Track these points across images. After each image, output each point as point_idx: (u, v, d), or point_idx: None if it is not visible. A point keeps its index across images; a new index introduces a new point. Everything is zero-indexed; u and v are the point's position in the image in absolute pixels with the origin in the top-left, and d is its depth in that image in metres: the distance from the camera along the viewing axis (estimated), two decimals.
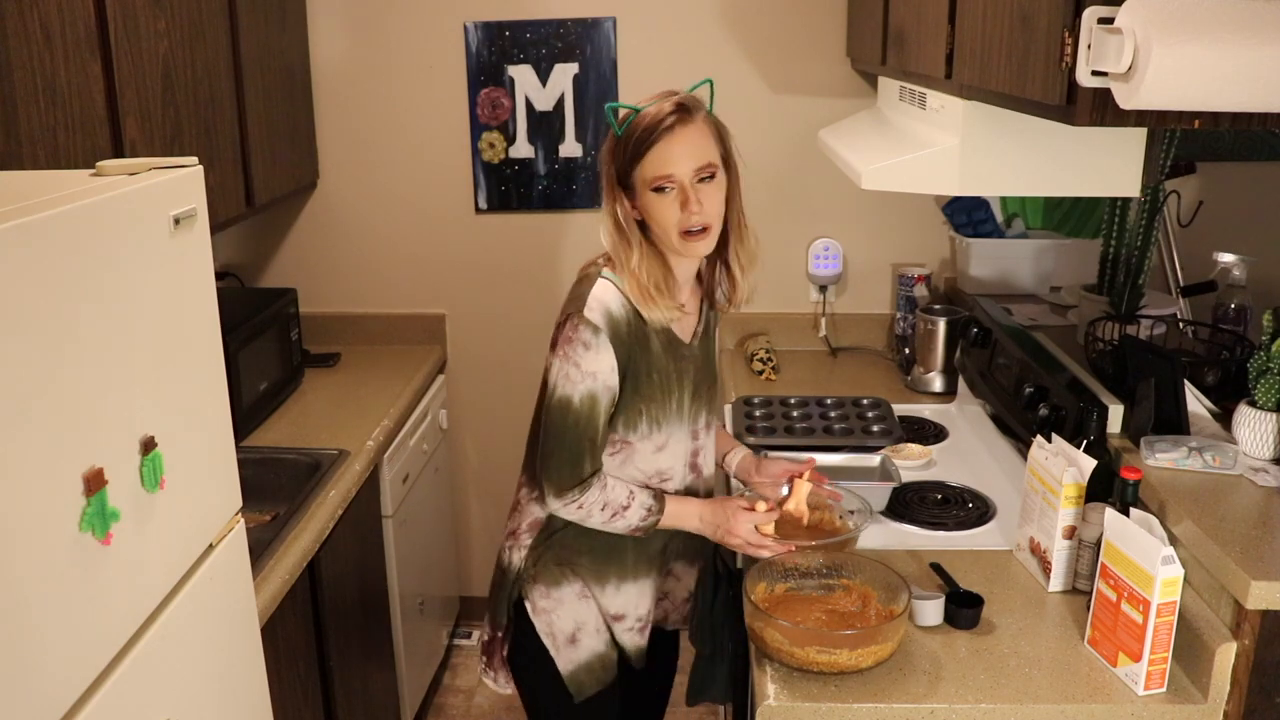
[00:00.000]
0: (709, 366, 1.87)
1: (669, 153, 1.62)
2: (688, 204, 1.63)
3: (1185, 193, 2.38)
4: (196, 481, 1.46)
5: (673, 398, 1.77)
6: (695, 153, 1.63)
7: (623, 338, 1.70)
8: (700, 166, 1.63)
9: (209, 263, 1.50)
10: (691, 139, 1.63)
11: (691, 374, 1.81)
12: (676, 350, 1.77)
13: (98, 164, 1.37)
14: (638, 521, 1.74)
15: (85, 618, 1.17)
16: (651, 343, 1.73)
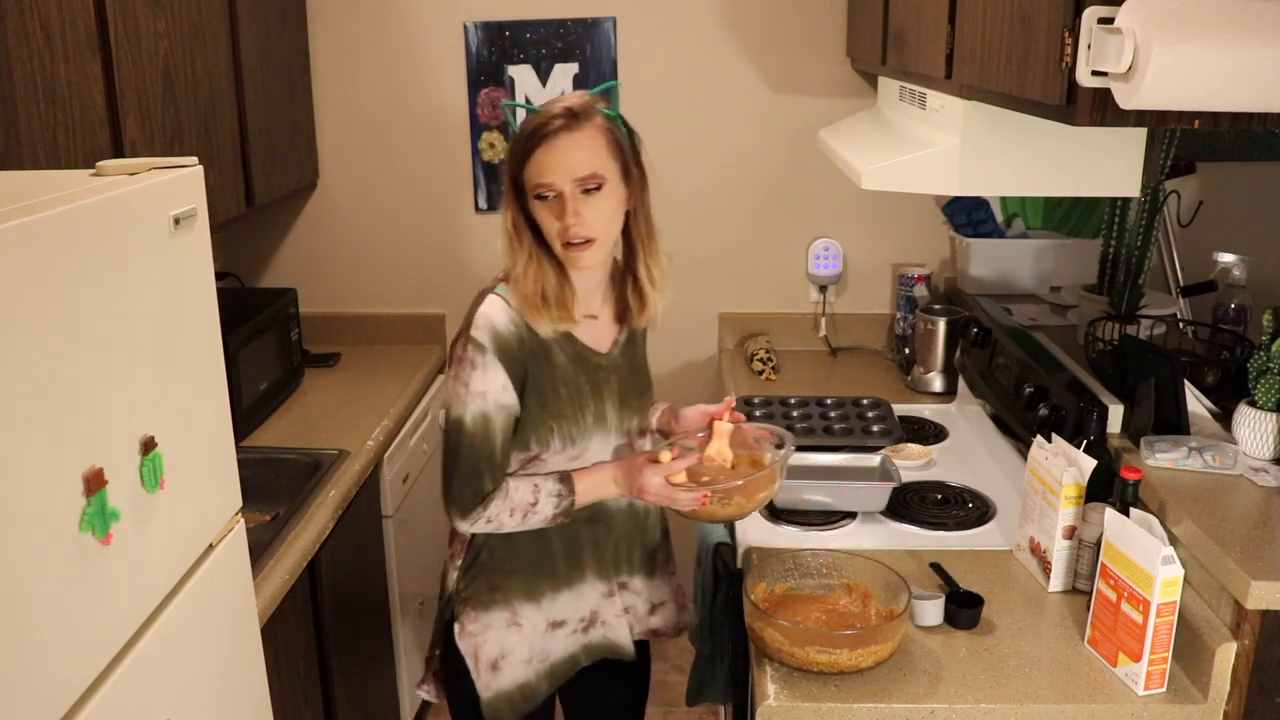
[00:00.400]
0: (638, 374, 1.81)
1: (549, 160, 1.56)
2: (565, 213, 1.57)
3: (1185, 193, 2.38)
4: (197, 481, 1.46)
5: (587, 410, 1.70)
6: (578, 162, 1.56)
7: (513, 354, 1.64)
8: (582, 176, 1.56)
9: (209, 263, 1.51)
10: (575, 147, 1.56)
11: (615, 384, 1.74)
12: (588, 361, 1.71)
13: (98, 164, 1.38)
14: (552, 510, 1.67)
15: (85, 618, 1.17)
16: (554, 356, 1.67)
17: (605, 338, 1.75)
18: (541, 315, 1.63)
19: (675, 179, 2.96)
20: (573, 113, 1.57)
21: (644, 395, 1.82)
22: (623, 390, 1.75)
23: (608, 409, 1.73)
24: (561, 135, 1.56)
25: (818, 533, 1.95)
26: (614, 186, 1.60)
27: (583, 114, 1.58)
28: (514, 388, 1.65)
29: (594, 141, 1.58)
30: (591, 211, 1.58)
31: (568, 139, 1.56)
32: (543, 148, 1.56)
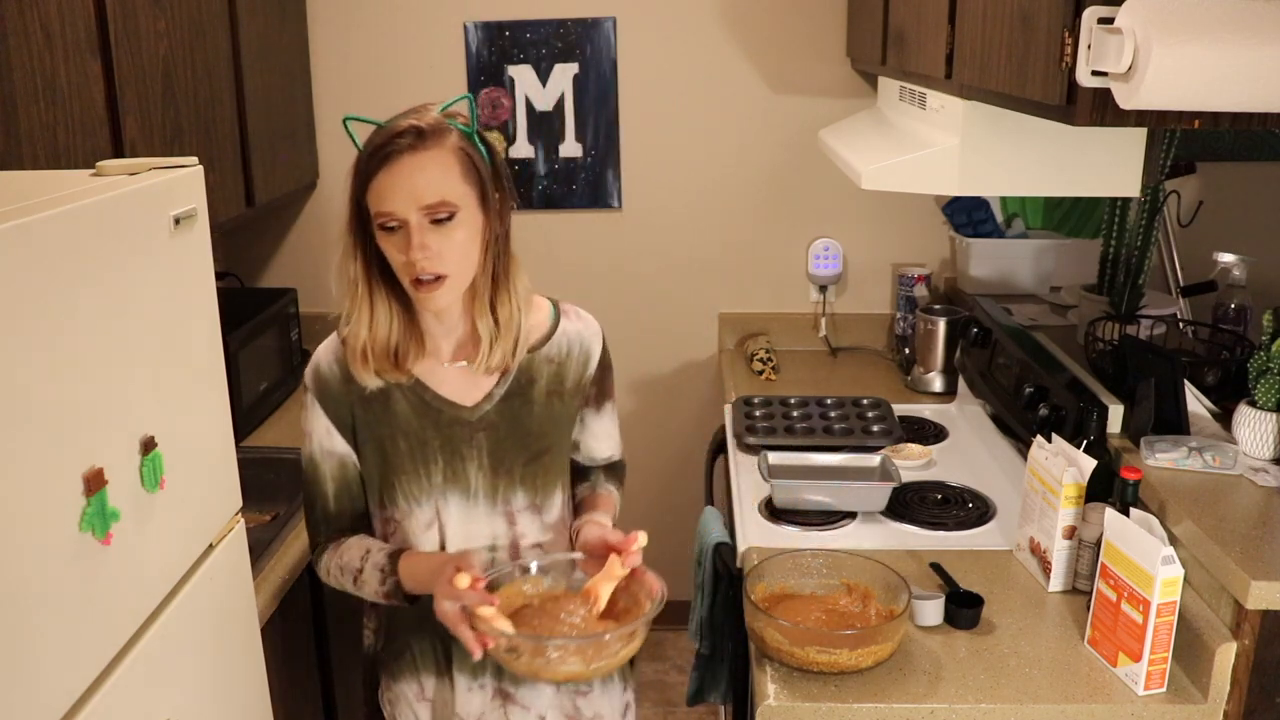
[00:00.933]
0: (524, 436, 1.51)
1: (392, 185, 1.35)
2: (411, 246, 1.35)
3: (1185, 193, 2.38)
4: (197, 481, 1.46)
5: (433, 469, 1.48)
6: (424, 188, 1.35)
7: (335, 396, 1.48)
8: (430, 204, 1.35)
9: (209, 262, 1.51)
10: (421, 171, 1.35)
11: (484, 443, 1.49)
12: (441, 414, 1.48)
13: (98, 164, 1.38)
14: (377, 585, 1.46)
15: (85, 618, 1.17)
16: (394, 403, 1.48)
17: (472, 388, 1.50)
18: (363, 367, 1.45)
19: (675, 179, 2.96)
20: (420, 131, 1.36)
21: (536, 463, 1.52)
22: (497, 452, 1.50)
23: (470, 471, 1.49)
24: (406, 157, 1.35)
25: (818, 533, 1.95)
26: (469, 215, 1.39)
27: (431, 132, 1.36)
28: (341, 433, 1.49)
29: (444, 164, 1.37)
30: (442, 244, 1.37)
31: (414, 161, 1.35)
32: (385, 170, 1.35)
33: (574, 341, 1.57)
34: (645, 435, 3.05)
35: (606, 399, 1.64)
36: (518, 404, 1.51)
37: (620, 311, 3.02)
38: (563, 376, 1.55)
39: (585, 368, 1.57)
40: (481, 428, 1.50)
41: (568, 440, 1.59)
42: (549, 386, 1.53)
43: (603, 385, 1.62)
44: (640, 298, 3.04)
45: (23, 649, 1.06)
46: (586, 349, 1.58)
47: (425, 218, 1.36)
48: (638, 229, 3.00)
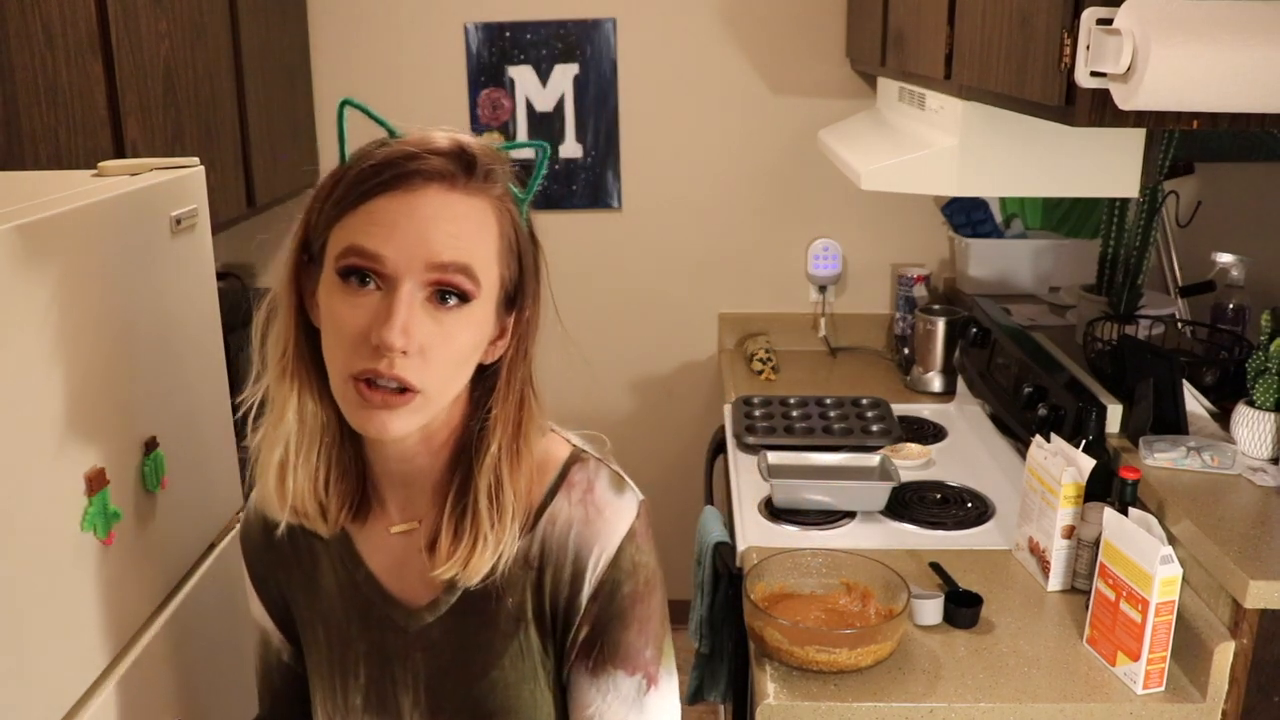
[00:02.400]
0: (471, 666, 0.99)
1: (393, 216, 0.88)
2: (390, 320, 0.85)
3: (1184, 193, 2.39)
4: (198, 481, 1.47)
5: (351, 687, 1.03)
6: (447, 237, 0.88)
7: (257, 549, 1.08)
8: (444, 263, 0.87)
9: (210, 263, 1.51)
10: (449, 213, 0.89)
11: (420, 669, 1.01)
12: (370, 608, 1.01)
13: (99, 164, 1.38)
14: None
15: (87, 617, 1.18)
16: (321, 572, 1.03)
17: (420, 580, 0.99)
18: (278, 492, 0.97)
19: (675, 179, 2.96)
20: (468, 158, 0.91)
21: (481, 709, 0.99)
22: (436, 688, 1.01)
23: (402, 703, 1.02)
24: (435, 188, 0.89)
25: (817, 532, 1.96)
26: (483, 312, 0.92)
27: (483, 169, 0.92)
28: (262, 599, 1.10)
29: (482, 220, 0.91)
30: (433, 337, 0.88)
31: (443, 199, 0.89)
32: (392, 194, 0.89)
33: (564, 536, 0.98)
34: (645, 435, 3.06)
35: (617, 666, 0.99)
36: (474, 625, 0.99)
37: (620, 311, 3.03)
38: (541, 594, 0.98)
39: (574, 587, 0.97)
40: (420, 646, 1.00)
41: (548, 705, 1.01)
42: (522, 608, 0.98)
43: (606, 635, 0.98)
44: (640, 298, 3.05)
45: (24, 648, 1.07)
46: (579, 556, 0.97)
47: (427, 287, 0.88)
48: (638, 229, 3.01)
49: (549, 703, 1.00)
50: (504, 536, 0.94)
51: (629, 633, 0.98)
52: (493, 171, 0.93)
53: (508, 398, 0.96)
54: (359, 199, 0.90)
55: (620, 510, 0.98)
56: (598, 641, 0.98)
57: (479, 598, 0.98)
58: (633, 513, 0.98)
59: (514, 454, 0.95)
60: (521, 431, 0.96)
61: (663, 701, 1.01)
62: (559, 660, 1.00)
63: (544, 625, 0.99)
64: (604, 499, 0.98)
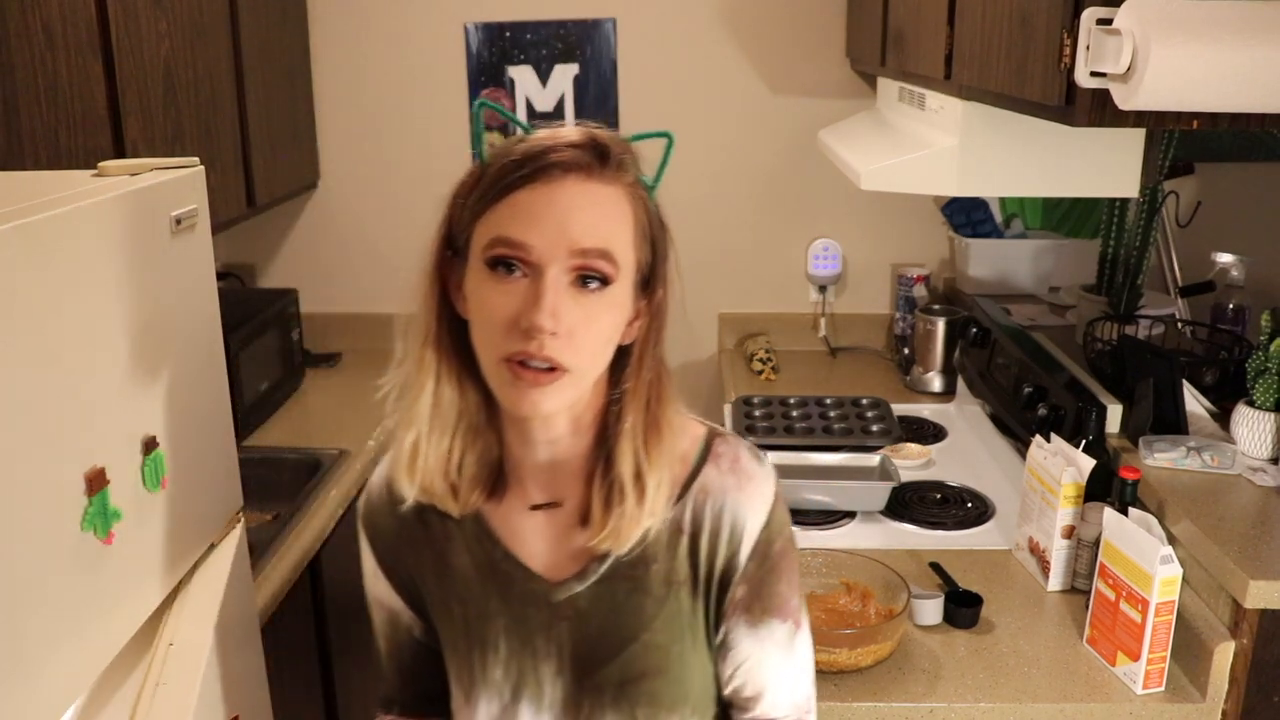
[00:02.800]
0: (634, 639, 1.04)
1: (536, 207, 0.93)
2: (538, 304, 0.91)
3: (1184, 193, 2.39)
4: (198, 481, 1.46)
5: (492, 661, 1.06)
6: (587, 224, 0.93)
7: (385, 531, 1.11)
8: (586, 249, 0.93)
9: (210, 263, 1.51)
10: (591, 204, 0.94)
11: (565, 640, 1.05)
12: (510, 583, 1.05)
13: (99, 164, 1.38)
14: None
15: (87, 617, 1.18)
16: (453, 550, 1.07)
17: (561, 553, 1.05)
18: (409, 477, 1.03)
19: (675, 180, 2.95)
20: (602, 149, 0.96)
21: (637, 687, 1.04)
22: (583, 657, 1.05)
23: (543, 675, 1.06)
24: (574, 179, 0.94)
25: (817, 532, 1.96)
26: (621, 295, 0.97)
27: (615, 159, 0.97)
28: (390, 580, 1.13)
29: (619, 209, 0.96)
30: (578, 320, 0.94)
31: (581, 189, 0.94)
32: (534, 187, 0.93)
33: (716, 505, 1.04)
34: None
35: (772, 615, 1.06)
36: (624, 591, 1.04)
37: None
38: (695, 559, 1.04)
39: (730, 550, 1.04)
40: (565, 616, 1.05)
41: (697, 664, 1.06)
42: (674, 572, 1.04)
43: (763, 589, 1.05)
44: None
45: (24, 648, 1.07)
46: (736, 522, 1.04)
47: (571, 272, 0.93)
48: None
49: (696, 661, 1.06)
50: (655, 506, 1.00)
51: (781, 584, 1.06)
52: (624, 161, 0.98)
53: (640, 374, 1.01)
54: (502, 193, 0.94)
55: (766, 476, 1.07)
56: (756, 596, 1.05)
57: (629, 565, 1.03)
58: (774, 478, 1.08)
59: (652, 428, 1.00)
60: (656, 407, 1.01)
61: (806, 641, 1.11)
62: (708, 619, 1.06)
63: (696, 588, 1.04)
64: (751, 468, 1.06)
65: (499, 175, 0.95)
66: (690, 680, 1.06)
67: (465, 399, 1.02)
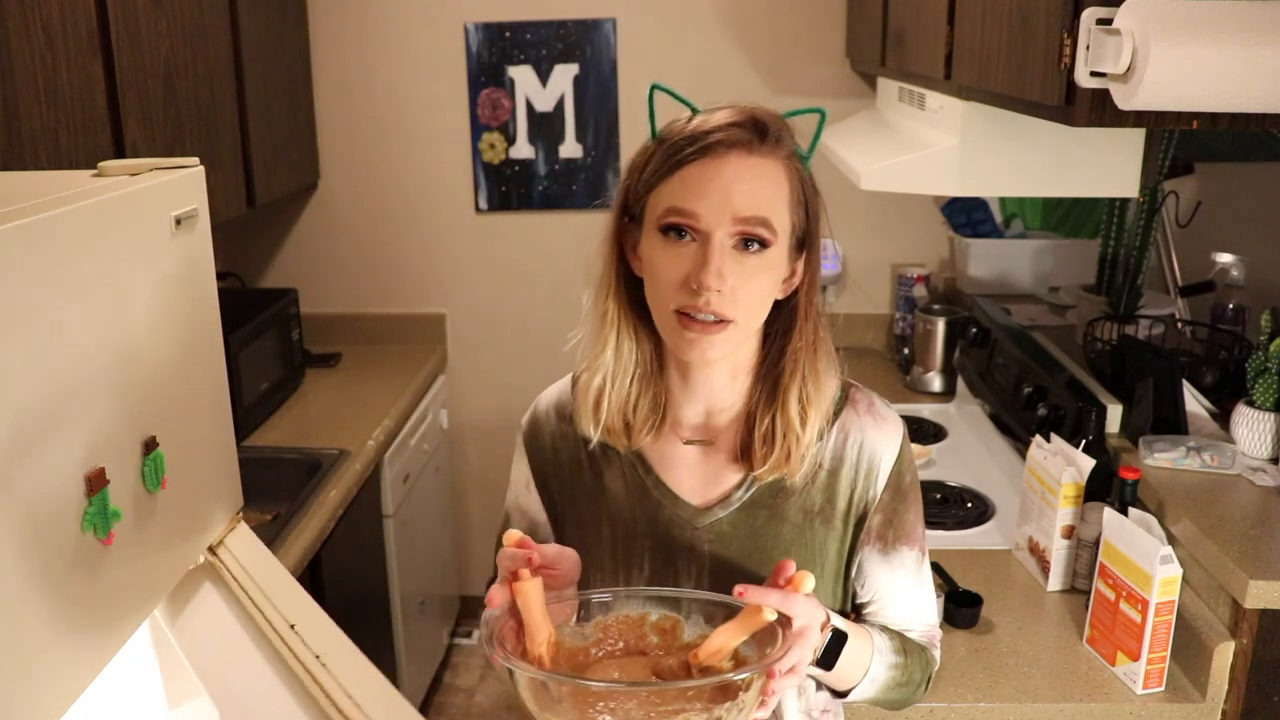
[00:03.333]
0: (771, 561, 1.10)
1: (706, 181, 1.05)
2: (705, 265, 1.04)
3: (1183, 193, 2.39)
4: (198, 481, 1.46)
5: (635, 578, 1.17)
6: (747, 197, 1.05)
7: (545, 449, 1.22)
8: (747, 217, 1.05)
9: (210, 263, 1.51)
10: (752, 176, 1.06)
11: (705, 560, 1.15)
12: (659, 509, 1.16)
13: (99, 164, 1.38)
14: None
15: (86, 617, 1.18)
16: (609, 477, 1.18)
17: (708, 482, 1.17)
18: (592, 417, 1.16)
19: None
20: (762, 127, 1.08)
21: None
22: (722, 575, 1.14)
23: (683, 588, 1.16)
24: (736, 154, 1.06)
25: None
26: (779, 256, 1.10)
27: (773, 135, 1.09)
28: (540, 493, 1.23)
29: (776, 180, 1.09)
30: (740, 278, 1.06)
31: (744, 162, 1.06)
32: (703, 162, 1.06)
33: (856, 444, 1.17)
34: None
35: (902, 543, 1.19)
36: (763, 518, 1.15)
37: None
38: (833, 492, 1.16)
39: (868, 484, 1.17)
40: (708, 539, 1.15)
41: (823, 590, 1.17)
42: (811, 503, 1.16)
43: (895, 518, 1.18)
44: None
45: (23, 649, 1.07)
46: (871, 461, 1.17)
47: (734, 236, 1.06)
48: None
49: (823, 588, 1.17)
50: (813, 442, 1.14)
51: (910, 514, 1.20)
52: (781, 136, 1.10)
53: (805, 327, 1.16)
54: (673, 168, 1.07)
55: (896, 420, 1.20)
56: (890, 525, 1.18)
57: (770, 496, 1.15)
58: (902, 422, 1.21)
59: (812, 376, 1.14)
60: (816, 359, 1.15)
61: (929, 567, 1.24)
62: (840, 549, 1.17)
63: (830, 519, 1.16)
64: (884, 412, 1.20)
65: (671, 151, 1.08)
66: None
67: (641, 349, 1.16)
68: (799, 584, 0.99)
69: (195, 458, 1.45)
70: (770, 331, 1.16)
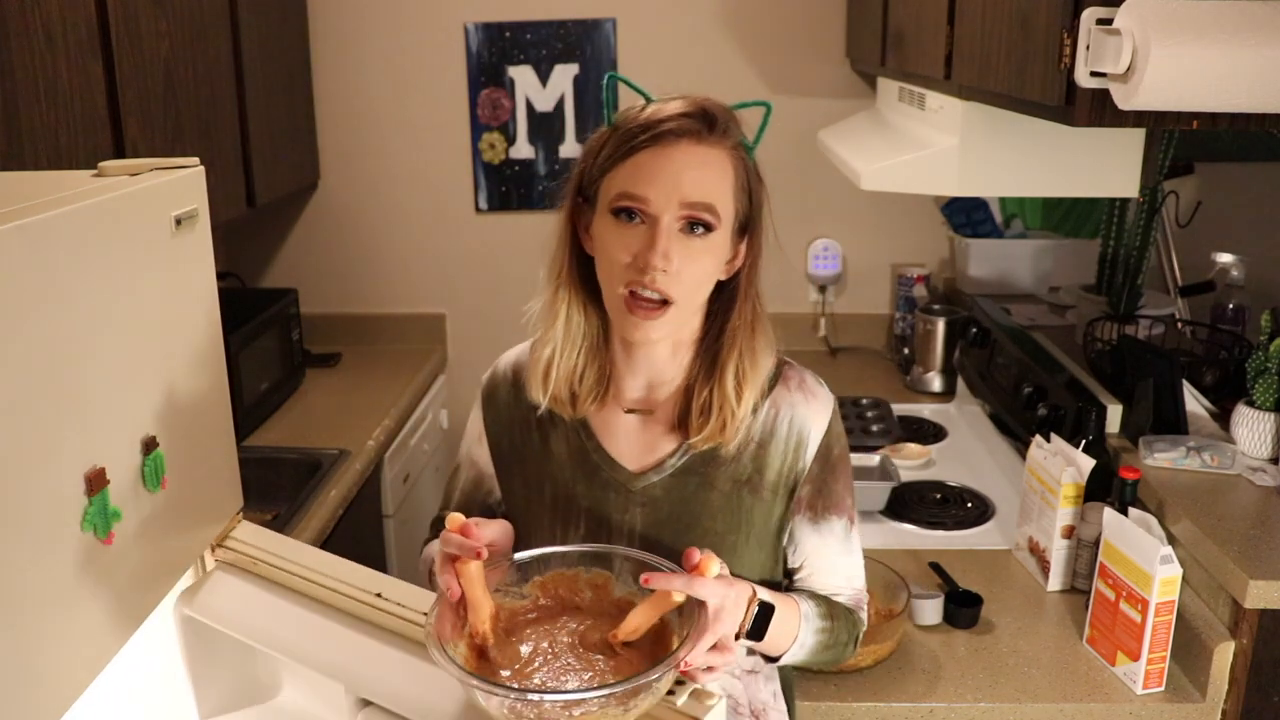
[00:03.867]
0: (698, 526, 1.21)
1: (656, 168, 1.12)
2: (653, 247, 1.11)
3: (1183, 193, 2.39)
4: (198, 481, 1.46)
5: (571, 536, 1.23)
6: (694, 184, 1.13)
7: (499, 407, 1.30)
8: (693, 202, 1.12)
9: (210, 263, 1.51)
10: (701, 164, 1.14)
11: (637, 522, 1.22)
12: (596, 472, 1.23)
13: (99, 164, 1.38)
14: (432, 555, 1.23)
15: (86, 617, 1.18)
16: (555, 441, 1.26)
17: (644, 450, 1.24)
18: (542, 385, 1.23)
19: None
20: (710, 117, 1.17)
21: None
22: (649, 533, 1.22)
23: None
24: (686, 142, 1.14)
25: None
26: (722, 238, 1.16)
27: (721, 124, 1.17)
28: (490, 449, 1.31)
29: (723, 167, 1.16)
30: (685, 260, 1.13)
31: (693, 150, 1.14)
32: (654, 150, 1.13)
33: (786, 418, 1.24)
34: None
35: (831, 512, 1.26)
36: (693, 485, 1.22)
37: None
38: (762, 464, 1.23)
39: (797, 456, 1.24)
40: (641, 501, 1.22)
41: (749, 557, 1.24)
42: (741, 473, 1.22)
43: (824, 489, 1.25)
44: None
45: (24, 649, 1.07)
46: (801, 434, 1.24)
47: (680, 220, 1.13)
48: None
49: (749, 555, 1.24)
50: (748, 415, 1.20)
51: (839, 485, 1.27)
52: (729, 127, 1.18)
53: (744, 306, 1.21)
54: (626, 154, 1.14)
55: (826, 395, 1.27)
56: (819, 495, 1.25)
57: (702, 464, 1.22)
58: (833, 398, 1.28)
59: (749, 354, 1.20)
60: (754, 337, 1.21)
61: (857, 537, 1.30)
62: (766, 517, 1.24)
63: (758, 489, 1.23)
64: (814, 388, 1.27)
65: (625, 139, 1.15)
66: (741, 570, 1.22)
67: (589, 323, 1.23)
68: (704, 568, 1.03)
69: (195, 458, 1.45)
70: (712, 310, 1.22)
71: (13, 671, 1.05)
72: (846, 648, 1.29)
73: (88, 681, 1.18)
